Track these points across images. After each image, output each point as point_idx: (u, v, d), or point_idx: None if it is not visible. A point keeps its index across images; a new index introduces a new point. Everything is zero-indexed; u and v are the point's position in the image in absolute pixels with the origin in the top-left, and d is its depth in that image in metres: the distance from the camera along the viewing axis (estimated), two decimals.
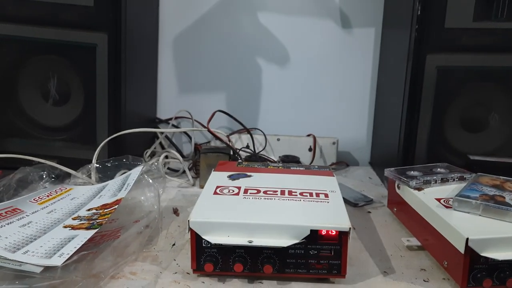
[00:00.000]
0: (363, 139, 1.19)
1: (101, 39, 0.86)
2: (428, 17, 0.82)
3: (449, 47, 0.83)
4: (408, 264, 0.61)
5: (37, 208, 0.67)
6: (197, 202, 0.60)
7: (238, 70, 1.18)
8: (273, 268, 0.54)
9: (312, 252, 0.54)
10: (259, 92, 1.19)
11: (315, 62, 1.17)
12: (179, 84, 1.19)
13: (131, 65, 0.93)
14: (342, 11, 1.14)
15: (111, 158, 0.84)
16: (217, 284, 0.55)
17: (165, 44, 1.17)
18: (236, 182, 0.68)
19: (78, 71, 0.89)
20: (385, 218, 0.77)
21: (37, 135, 0.92)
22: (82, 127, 0.91)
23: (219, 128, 1.16)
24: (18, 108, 0.91)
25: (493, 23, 0.81)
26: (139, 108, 1.05)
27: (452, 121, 0.86)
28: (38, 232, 0.59)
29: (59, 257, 0.52)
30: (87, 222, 0.62)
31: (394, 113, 0.94)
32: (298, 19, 1.15)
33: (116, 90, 0.89)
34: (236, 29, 1.16)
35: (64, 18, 0.86)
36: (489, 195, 0.61)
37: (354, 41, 1.15)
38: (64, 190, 0.75)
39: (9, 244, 0.55)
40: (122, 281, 0.54)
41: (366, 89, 1.17)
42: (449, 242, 0.55)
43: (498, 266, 0.53)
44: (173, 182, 0.93)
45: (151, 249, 0.63)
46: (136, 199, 0.74)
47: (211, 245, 0.54)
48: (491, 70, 0.84)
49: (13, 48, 0.88)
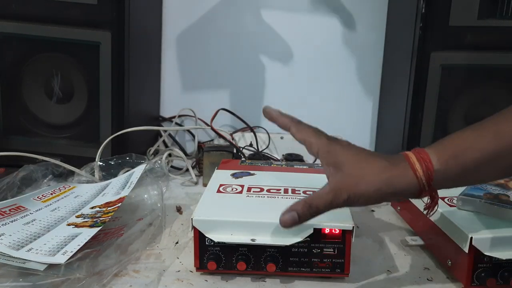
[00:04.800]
0: (367, 137, 1.19)
1: (104, 37, 0.86)
2: (432, 15, 0.82)
3: (453, 45, 0.82)
4: (411, 263, 0.61)
5: (40, 206, 0.67)
6: (200, 200, 0.60)
7: (242, 68, 1.18)
8: (276, 266, 0.54)
9: (315, 251, 0.54)
10: (262, 90, 1.19)
11: (319, 60, 1.16)
12: (183, 82, 1.19)
13: (134, 63, 0.93)
14: (346, 9, 1.13)
15: (115, 156, 0.84)
16: (220, 282, 0.55)
17: (168, 42, 1.17)
18: (239, 181, 0.68)
19: (81, 69, 0.89)
20: (388, 217, 0.76)
21: (40, 133, 0.92)
22: (86, 125, 0.91)
23: (223, 126, 1.16)
24: (22, 106, 0.91)
25: (497, 21, 0.81)
26: (142, 106, 1.05)
27: (456, 119, 0.86)
28: (41, 230, 0.60)
29: (62, 254, 0.52)
30: (91, 220, 0.62)
31: (398, 111, 0.93)
32: (302, 17, 1.15)
33: (119, 88, 0.89)
34: (240, 27, 1.16)
35: (68, 16, 0.86)
36: (493, 194, 0.61)
37: (358, 39, 1.15)
38: (67, 188, 0.75)
39: (13, 242, 0.55)
40: (126, 279, 0.55)
41: (370, 87, 1.17)
42: (453, 241, 0.55)
43: (502, 265, 0.52)
44: (176, 180, 0.93)
45: (155, 247, 0.63)
46: (140, 197, 0.74)
47: (214, 243, 0.54)
48: (495, 68, 0.84)
49: (17, 46, 0.88)
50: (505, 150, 0.47)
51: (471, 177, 0.50)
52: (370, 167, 0.48)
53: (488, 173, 0.50)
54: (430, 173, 0.47)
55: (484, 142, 0.48)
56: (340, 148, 0.50)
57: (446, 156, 0.48)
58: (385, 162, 0.48)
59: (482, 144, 0.47)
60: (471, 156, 0.47)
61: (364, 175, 0.48)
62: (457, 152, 0.48)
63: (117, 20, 0.86)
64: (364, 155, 0.50)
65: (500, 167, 0.49)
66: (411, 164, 0.48)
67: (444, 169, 0.47)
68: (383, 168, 0.48)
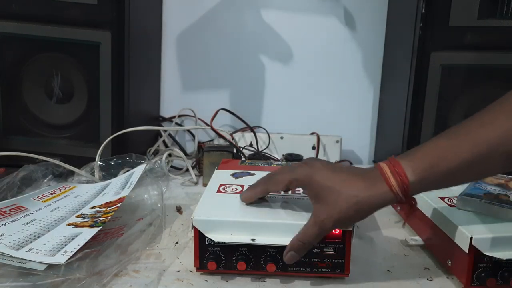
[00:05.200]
0: (367, 137, 1.19)
1: (104, 37, 0.86)
2: (432, 15, 0.82)
3: (453, 45, 0.82)
4: (411, 263, 0.61)
5: (40, 206, 0.67)
6: (200, 200, 0.60)
7: (242, 68, 1.18)
8: (276, 266, 0.54)
9: (315, 251, 0.54)
10: (262, 90, 1.19)
11: (319, 60, 1.16)
12: (183, 82, 1.19)
13: (134, 63, 0.93)
14: (346, 9, 1.13)
15: (115, 156, 0.84)
16: (220, 282, 0.55)
17: (168, 42, 1.17)
18: (239, 181, 0.68)
19: (81, 69, 0.89)
20: (388, 217, 0.76)
21: (40, 133, 0.92)
22: (86, 125, 0.91)
23: (223, 126, 1.16)
24: (22, 106, 0.91)
25: (497, 21, 0.81)
26: (142, 106, 1.05)
27: (456, 119, 0.86)
28: (41, 230, 0.60)
29: (62, 254, 0.52)
30: (91, 220, 0.62)
31: (398, 111, 0.93)
32: (301, 16, 1.15)
33: (119, 88, 0.89)
34: (240, 27, 1.16)
35: (68, 16, 0.86)
36: (493, 194, 0.61)
37: (358, 39, 1.15)
38: (67, 188, 0.75)
39: (13, 242, 0.55)
40: (125, 279, 0.54)
41: (370, 87, 1.17)
42: (453, 241, 0.55)
43: (502, 265, 0.52)
44: (176, 180, 0.93)
45: (155, 247, 0.63)
46: (140, 197, 0.74)
47: (214, 243, 0.54)
48: (495, 68, 0.84)
49: (17, 46, 0.88)
50: (481, 158, 0.48)
51: (447, 183, 0.51)
52: (348, 192, 0.50)
53: (464, 179, 0.51)
54: (406, 186, 0.49)
55: (459, 151, 0.48)
56: (315, 179, 0.51)
57: (421, 167, 0.49)
58: (361, 183, 0.50)
59: (458, 154, 0.48)
60: (446, 166, 0.48)
61: (342, 201, 0.49)
62: (432, 162, 0.49)
63: (117, 20, 0.86)
64: (339, 179, 0.51)
65: (476, 173, 0.50)
66: (386, 180, 0.49)
67: (419, 180, 0.49)
68: (361, 190, 0.50)
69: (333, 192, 0.50)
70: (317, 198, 0.51)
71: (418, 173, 0.49)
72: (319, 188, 0.51)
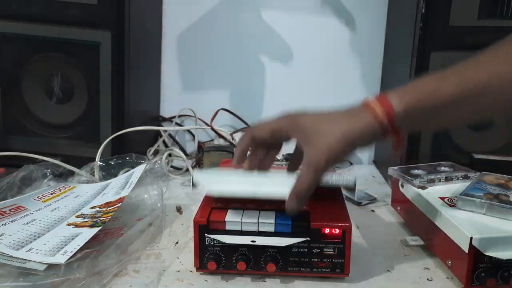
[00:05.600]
0: None
1: (104, 37, 0.86)
2: (432, 15, 0.82)
3: (453, 45, 0.82)
4: (411, 263, 0.61)
5: (40, 206, 0.67)
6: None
7: (242, 68, 1.18)
8: (276, 266, 0.54)
9: (315, 251, 0.54)
10: (262, 90, 1.19)
11: (319, 60, 1.16)
12: (183, 82, 1.19)
13: (134, 63, 0.93)
14: (346, 9, 1.13)
15: (115, 156, 0.84)
16: (220, 282, 0.55)
17: (168, 42, 1.17)
18: None
19: (81, 69, 0.89)
20: (388, 217, 0.76)
21: (40, 133, 0.92)
22: (86, 125, 0.91)
23: (223, 126, 1.16)
24: (22, 105, 0.91)
25: (497, 21, 0.81)
26: (142, 106, 1.05)
27: None
28: (41, 230, 0.60)
29: (62, 254, 0.52)
30: (91, 220, 0.62)
31: None
32: (301, 17, 1.15)
33: (119, 88, 0.89)
34: (240, 27, 1.16)
35: (68, 16, 0.86)
36: (493, 194, 0.61)
37: (358, 39, 1.15)
38: (67, 188, 0.75)
39: (13, 242, 0.55)
40: (126, 279, 0.55)
41: (370, 87, 1.16)
42: (453, 241, 0.55)
43: (502, 265, 0.52)
44: (176, 180, 0.93)
45: (154, 247, 0.63)
46: (140, 197, 0.74)
47: (215, 243, 0.54)
48: None
49: (17, 46, 0.88)
50: (468, 96, 0.48)
51: (434, 121, 0.51)
52: (333, 127, 0.50)
53: (451, 118, 0.51)
54: (391, 115, 0.48)
55: (447, 87, 0.49)
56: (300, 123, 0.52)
57: (407, 98, 0.49)
58: (346, 117, 0.51)
59: (445, 90, 0.48)
60: (433, 100, 0.48)
61: (330, 137, 0.49)
62: (419, 96, 0.49)
63: (117, 20, 0.86)
64: (322, 118, 0.52)
65: (462, 113, 0.50)
66: (371, 110, 0.49)
67: (405, 110, 0.49)
68: (345, 123, 0.50)
69: (318, 132, 0.50)
70: (305, 141, 0.51)
71: (404, 104, 0.49)
72: (306, 130, 0.51)
